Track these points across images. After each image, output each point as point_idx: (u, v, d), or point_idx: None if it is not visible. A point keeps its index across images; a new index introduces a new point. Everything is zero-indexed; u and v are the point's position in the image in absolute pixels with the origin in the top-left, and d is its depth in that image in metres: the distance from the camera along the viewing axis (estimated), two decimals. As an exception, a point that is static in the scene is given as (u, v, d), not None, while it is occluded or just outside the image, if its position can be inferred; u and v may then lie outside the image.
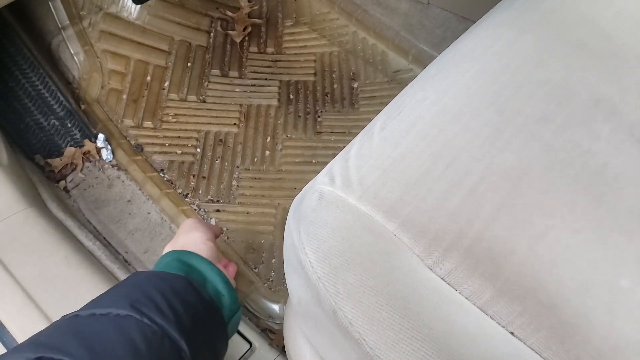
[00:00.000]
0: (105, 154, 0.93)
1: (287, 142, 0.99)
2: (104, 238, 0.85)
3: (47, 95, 0.92)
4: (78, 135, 0.93)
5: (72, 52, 1.01)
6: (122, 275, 0.75)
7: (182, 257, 0.52)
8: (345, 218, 0.39)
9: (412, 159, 0.42)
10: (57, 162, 0.90)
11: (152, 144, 0.97)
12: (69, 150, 0.91)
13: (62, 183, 0.90)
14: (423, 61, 1.02)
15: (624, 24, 0.52)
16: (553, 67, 0.49)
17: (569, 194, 0.42)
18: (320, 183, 0.42)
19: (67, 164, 0.91)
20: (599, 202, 0.42)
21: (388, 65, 1.08)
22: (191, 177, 0.94)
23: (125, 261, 0.83)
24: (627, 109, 0.47)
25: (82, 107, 0.97)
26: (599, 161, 0.44)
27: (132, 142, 0.97)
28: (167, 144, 0.97)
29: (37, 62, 0.93)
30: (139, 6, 1.07)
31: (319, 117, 1.03)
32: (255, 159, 0.97)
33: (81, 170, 0.92)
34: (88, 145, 0.93)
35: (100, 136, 0.94)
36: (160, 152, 0.96)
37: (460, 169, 0.42)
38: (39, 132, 0.91)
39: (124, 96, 1.01)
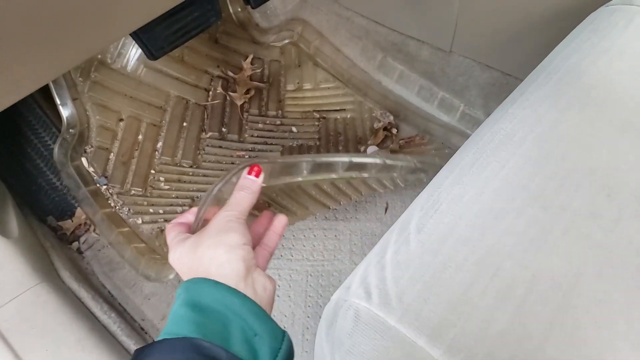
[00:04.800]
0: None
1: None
2: (119, 304, 0.82)
3: (59, 154, 0.90)
4: (91, 194, 0.91)
5: (59, 102, 0.90)
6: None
7: (192, 297, 0.37)
8: (385, 346, 0.35)
9: (454, 270, 0.39)
10: (68, 224, 0.88)
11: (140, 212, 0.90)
12: (80, 211, 0.89)
13: (76, 244, 0.88)
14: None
15: (670, 100, 0.49)
16: (599, 153, 0.46)
17: (624, 301, 0.39)
18: (355, 296, 0.39)
19: (79, 225, 0.89)
20: (659, 310, 0.38)
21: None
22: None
23: (142, 329, 0.80)
24: (682, 201, 0.43)
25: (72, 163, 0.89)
26: (655, 261, 0.40)
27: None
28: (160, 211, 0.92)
29: (50, 120, 0.91)
30: (135, 58, 1.01)
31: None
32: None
33: (94, 230, 0.89)
34: (100, 203, 0.91)
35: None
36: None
37: (506, 279, 0.39)
38: (51, 192, 0.89)
39: (112, 156, 0.94)
